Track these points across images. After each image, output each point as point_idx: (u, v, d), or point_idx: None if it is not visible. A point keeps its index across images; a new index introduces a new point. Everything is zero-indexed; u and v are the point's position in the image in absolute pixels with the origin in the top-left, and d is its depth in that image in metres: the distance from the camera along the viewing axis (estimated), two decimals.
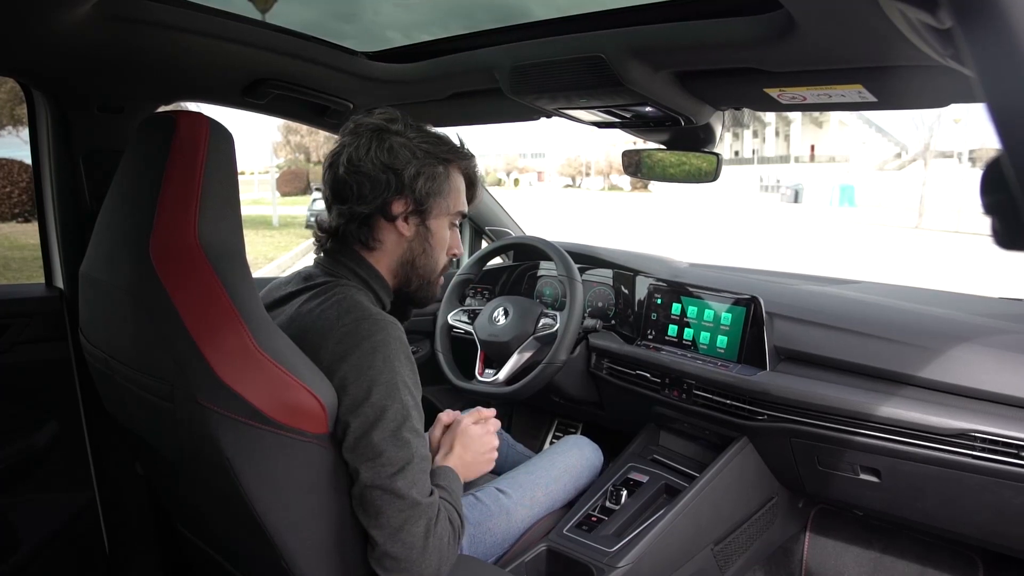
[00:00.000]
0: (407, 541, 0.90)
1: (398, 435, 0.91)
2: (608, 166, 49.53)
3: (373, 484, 0.89)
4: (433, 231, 1.11)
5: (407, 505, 0.90)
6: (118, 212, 0.91)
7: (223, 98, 1.58)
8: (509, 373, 1.71)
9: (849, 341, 1.39)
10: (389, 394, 0.91)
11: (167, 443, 0.97)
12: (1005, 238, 0.41)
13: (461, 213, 1.16)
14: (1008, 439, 1.16)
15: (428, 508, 0.92)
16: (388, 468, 0.90)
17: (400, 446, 0.90)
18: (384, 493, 0.89)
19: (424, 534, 0.91)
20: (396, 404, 0.91)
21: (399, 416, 0.91)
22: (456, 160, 1.13)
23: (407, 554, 0.90)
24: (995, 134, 0.37)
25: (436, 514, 0.93)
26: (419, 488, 0.92)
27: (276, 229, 14.18)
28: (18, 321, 1.47)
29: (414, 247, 1.11)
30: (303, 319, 0.99)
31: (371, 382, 0.91)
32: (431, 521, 0.92)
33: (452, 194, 1.12)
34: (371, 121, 1.09)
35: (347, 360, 0.92)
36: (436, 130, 1.13)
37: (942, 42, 0.65)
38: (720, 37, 1.07)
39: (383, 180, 1.05)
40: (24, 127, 9.26)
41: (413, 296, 1.15)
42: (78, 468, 1.55)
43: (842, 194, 29.75)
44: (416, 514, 0.91)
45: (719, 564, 1.46)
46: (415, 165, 1.06)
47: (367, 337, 0.93)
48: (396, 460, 0.90)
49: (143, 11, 1.19)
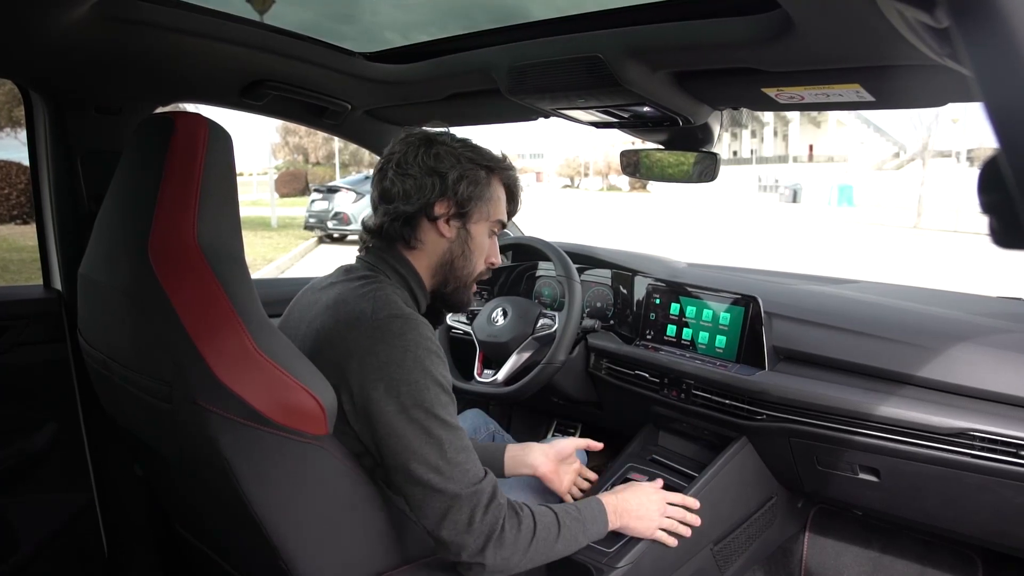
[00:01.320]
0: (451, 529, 0.95)
1: (431, 431, 0.94)
2: (606, 166, 49.53)
3: (414, 479, 0.94)
4: (473, 235, 1.16)
5: (446, 498, 0.94)
6: (117, 213, 0.91)
7: (221, 99, 1.58)
8: (508, 373, 1.71)
9: (848, 341, 1.39)
10: (421, 392, 0.94)
11: (166, 444, 0.97)
12: (1003, 237, 0.41)
13: (500, 222, 1.20)
14: (1007, 438, 1.16)
15: (470, 497, 0.95)
16: (424, 464, 0.93)
17: (434, 442, 0.94)
18: (422, 488, 0.94)
19: (467, 522, 0.95)
20: (428, 401, 0.94)
21: (431, 412, 0.95)
22: (498, 170, 1.18)
23: (454, 539, 0.95)
24: (993, 133, 0.37)
25: (483, 502, 0.96)
26: (456, 481, 0.95)
27: (275, 230, 14.16)
28: (16, 323, 1.47)
29: (454, 249, 1.15)
30: (338, 308, 1.02)
31: (404, 380, 0.94)
32: (475, 508, 0.95)
33: (493, 201, 1.17)
34: (420, 132, 1.15)
35: (378, 356, 0.94)
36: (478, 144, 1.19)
37: (939, 41, 0.65)
38: (718, 37, 1.07)
39: (428, 182, 1.10)
40: (22, 129, 9.25)
41: (448, 298, 1.19)
42: (77, 469, 1.55)
43: (840, 194, 29.75)
44: (456, 504, 0.94)
45: (718, 564, 1.46)
46: (458, 169, 1.11)
47: (399, 335, 0.96)
48: (431, 456, 0.94)
49: (141, 12, 1.19)
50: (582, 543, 1.13)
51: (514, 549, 1.00)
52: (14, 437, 1.46)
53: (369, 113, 1.80)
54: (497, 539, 0.97)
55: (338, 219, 12.24)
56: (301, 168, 32.25)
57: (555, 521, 1.08)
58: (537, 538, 1.03)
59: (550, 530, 1.06)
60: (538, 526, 1.04)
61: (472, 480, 0.97)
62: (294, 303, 1.19)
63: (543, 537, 1.04)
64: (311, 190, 16.31)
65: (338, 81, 1.57)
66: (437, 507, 0.94)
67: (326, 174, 28.88)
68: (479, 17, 1.42)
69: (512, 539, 0.99)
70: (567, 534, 1.09)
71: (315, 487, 0.92)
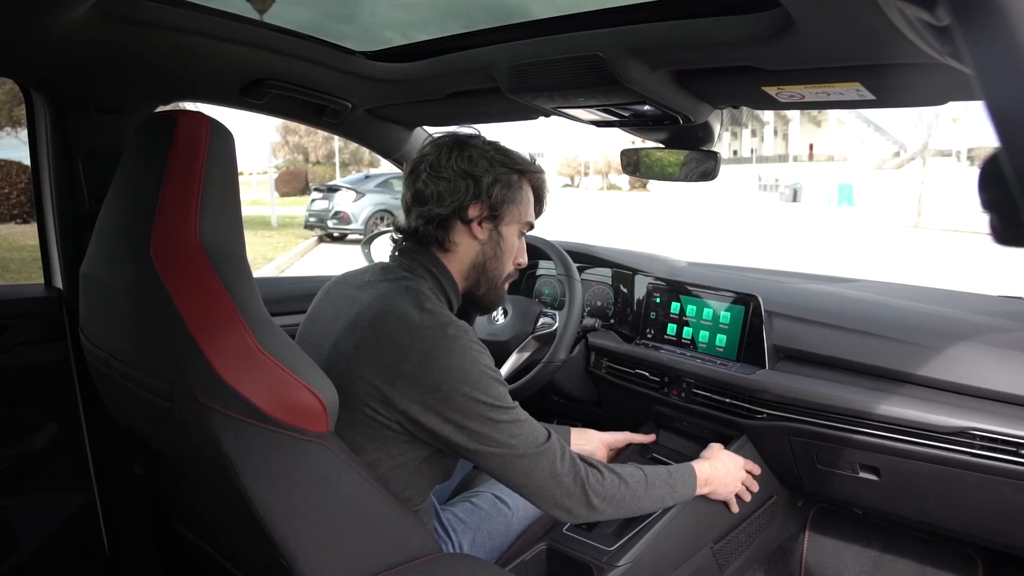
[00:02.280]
0: (538, 483, 1.06)
1: (496, 418, 1.02)
2: (607, 165, 49.51)
3: (488, 459, 1.03)
4: (504, 237, 1.18)
5: (524, 460, 1.04)
6: (118, 212, 0.91)
7: (221, 98, 1.58)
8: (508, 372, 1.70)
9: (848, 339, 1.39)
10: (483, 388, 1.01)
11: (167, 442, 0.97)
12: (1003, 234, 0.41)
13: (530, 224, 1.23)
14: (1007, 437, 1.16)
15: (545, 453, 1.05)
16: (496, 444, 1.02)
17: (501, 425, 1.02)
18: (500, 459, 1.03)
19: (550, 473, 1.05)
20: (488, 395, 1.01)
21: (492, 404, 1.02)
22: (528, 173, 1.20)
23: (544, 491, 1.06)
24: (993, 131, 0.37)
25: (557, 454, 1.06)
26: (527, 445, 1.04)
27: (275, 229, 14.16)
28: (17, 322, 1.47)
29: (486, 251, 1.17)
30: (385, 311, 1.05)
31: (464, 381, 1.00)
32: (553, 461, 1.06)
33: (524, 204, 1.20)
34: (451, 135, 1.19)
35: (437, 360, 0.99)
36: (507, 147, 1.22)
37: (940, 40, 0.65)
38: (718, 35, 1.07)
39: (462, 185, 1.12)
40: (23, 128, 9.25)
41: (480, 300, 1.22)
42: (77, 468, 1.55)
43: (840, 193, 29.74)
44: (535, 463, 1.04)
45: (719, 563, 1.46)
46: (492, 173, 1.14)
47: (455, 339, 1.01)
48: (500, 436, 1.02)
49: (141, 11, 1.19)
50: (669, 503, 1.25)
51: (602, 495, 1.10)
52: (14, 436, 1.46)
53: (369, 112, 1.80)
54: (584, 480, 1.08)
55: (338, 218, 12.25)
56: (301, 167, 32.27)
57: (643, 478, 1.18)
58: (623, 487, 1.13)
59: (638, 484, 1.16)
60: (624, 478, 1.15)
61: (539, 440, 1.05)
62: (324, 296, 1.20)
63: (630, 489, 1.14)
64: (311, 189, 16.31)
65: (338, 80, 1.57)
66: (520, 471, 1.04)
67: (326, 173, 28.90)
68: (479, 16, 1.42)
69: (597, 481, 1.10)
70: (653, 492, 1.19)
71: (316, 485, 0.92)
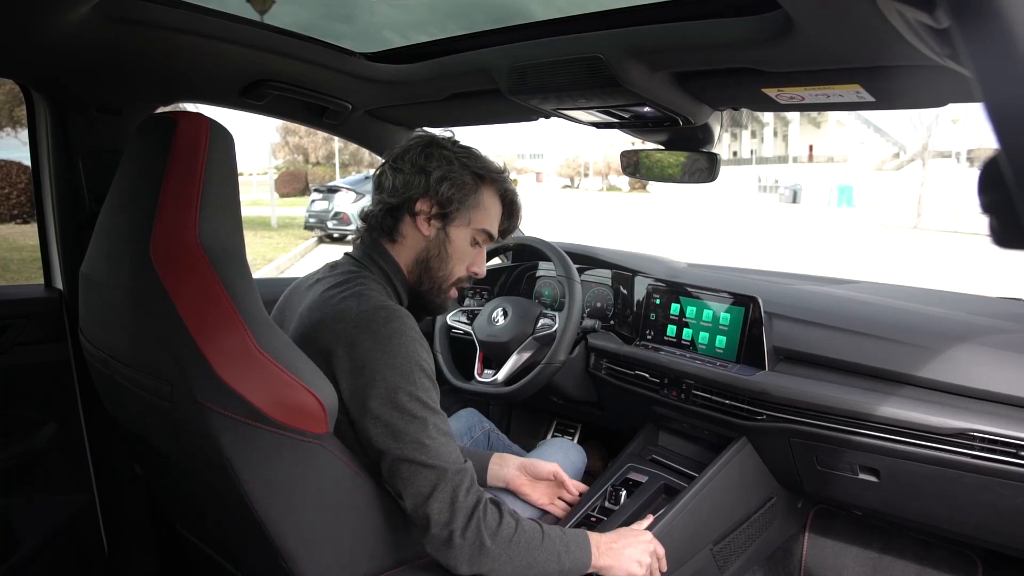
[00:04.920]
0: (438, 503, 0.96)
1: (416, 413, 0.97)
2: (606, 167, 49.53)
3: (401, 458, 0.96)
4: (452, 239, 1.18)
5: (434, 472, 0.97)
6: (118, 213, 0.91)
7: (222, 99, 1.58)
8: (508, 373, 1.71)
9: (848, 341, 1.40)
10: (407, 375, 0.97)
11: (167, 443, 0.97)
12: (1003, 236, 0.41)
13: (487, 233, 1.21)
14: (1007, 438, 1.16)
15: (455, 476, 0.98)
16: (412, 443, 0.96)
17: (419, 422, 0.97)
18: (411, 464, 0.96)
19: (451, 499, 0.97)
20: (413, 384, 0.98)
21: (415, 396, 0.98)
22: (490, 179, 1.20)
23: (441, 515, 0.96)
24: (993, 133, 0.37)
25: (465, 483, 0.99)
26: (442, 458, 0.98)
27: (275, 230, 14.15)
28: (17, 322, 1.47)
29: (431, 247, 1.18)
30: (324, 303, 1.06)
31: (389, 365, 0.97)
32: (458, 489, 0.98)
33: (478, 209, 1.19)
34: (426, 135, 1.21)
35: (363, 344, 0.97)
36: (484, 154, 1.22)
37: (940, 42, 0.65)
38: (718, 37, 1.07)
39: (414, 179, 1.15)
40: (23, 128, 9.25)
41: (423, 298, 1.21)
42: (77, 469, 1.55)
43: (840, 194, 29.74)
44: (443, 480, 0.97)
45: (718, 564, 1.46)
46: (444, 170, 1.15)
47: (384, 323, 0.99)
48: (417, 434, 0.97)
49: (142, 12, 1.19)
50: (565, 565, 1.09)
51: (497, 537, 1.00)
52: (14, 437, 1.46)
53: (369, 113, 1.80)
54: (482, 521, 0.99)
55: (338, 219, 12.23)
56: (301, 168, 32.24)
57: (538, 528, 1.07)
58: (519, 533, 1.03)
59: (533, 534, 1.05)
60: (520, 524, 1.05)
61: (456, 460, 1.00)
62: (283, 301, 1.23)
63: (526, 536, 1.04)
64: (311, 190, 16.31)
65: (338, 81, 1.57)
66: (424, 483, 0.96)
67: (326, 174, 28.86)
68: (479, 17, 1.42)
69: (495, 525, 1.01)
70: (549, 545, 1.07)
71: (315, 486, 0.92)
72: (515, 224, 1.28)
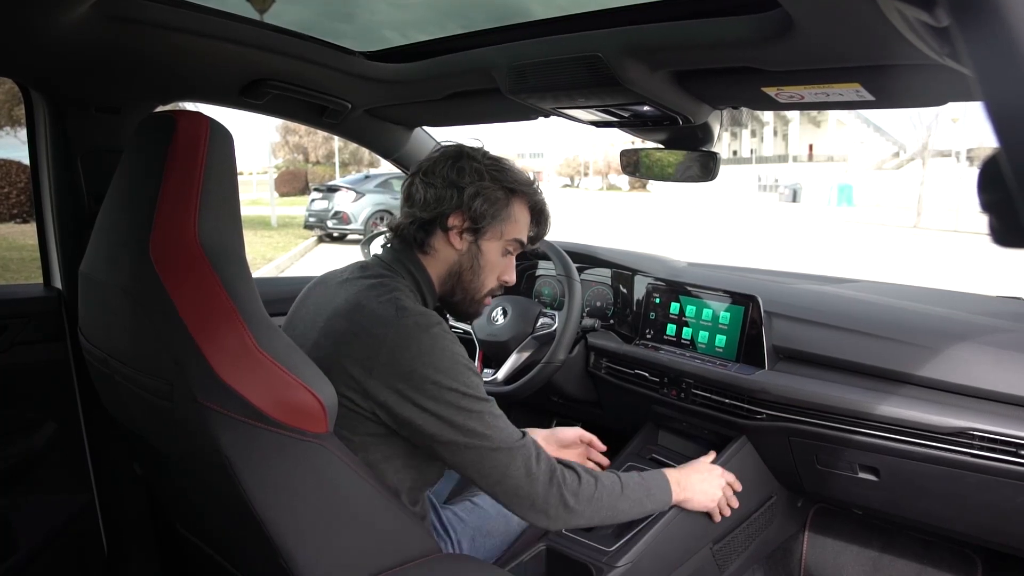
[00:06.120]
0: (514, 481, 1.03)
1: (470, 408, 1.02)
2: (606, 166, 49.55)
3: (468, 447, 1.01)
4: (484, 252, 1.19)
5: (500, 454, 1.03)
6: (117, 212, 0.91)
7: (221, 98, 1.58)
8: (508, 373, 1.71)
9: (848, 340, 1.39)
10: (456, 376, 1.01)
11: (166, 442, 0.97)
12: (1002, 235, 0.41)
13: (518, 242, 1.23)
14: (1007, 438, 1.16)
15: (520, 449, 1.04)
16: (474, 435, 1.01)
17: (475, 415, 1.02)
18: (475, 452, 1.02)
19: (526, 472, 1.03)
20: (463, 384, 1.01)
21: (466, 393, 1.01)
22: (520, 191, 1.20)
23: (520, 490, 1.04)
24: (992, 132, 0.37)
25: (532, 452, 1.05)
26: (503, 439, 1.03)
27: (275, 230, 14.16)
28: (16, 321, 1.47)
29: (463, 261, 1.19)
30: (359, 307, 1.07)
31: (438, 369, 1.00)
32: (528, 460, 1.04)
33: (509, 221, 1.20)
34: (455, 146, 1.21)
35: (408, 349, 1.00)
36: (515, 165, 1.23)
37: (940, 40, 0.65)
38: (717, 36, 1.07)
39: (447, 194, 1.15)
40: (22, 127, 9.26)
41: (456, 307, 1.23)
42: (76, 469, 1.55)
43: (840, 193, 29.76)
44: (511, 458, 1.03)
45: (718, 563, 1.46)
46: (477, 186, 1.15)
47: (426, 330, 1.02)
48: (476, 426, 1.01)
49: (141, 11, 1.19)
50: (647, 508, 1.22)
51: (579, 496, 1.08)
52: (14, 437, 1.46)
53: (369, 112, 1.80)
54: (562, 484, 1.06)
55: (338, 218, 12.24)
56: (301, 167, 32.26)
57: (617, 480, 1.16)
58: (600, 489, 1.11)
59: (613, 485, 1.15)
60: (599, 479, 1.13)
61: (515, 437, 1.05)
62: (307, 295, 1.21)
63: (607, 491, 1.13)
64: (311, 189, 16.31)
65: (338, 80, 1.57)
66: (495, 466, 1.02)
67: (326, 173, 28.89)
68: (478, 16, 1.42)
69: (575, 485, 1.08)
70: (630, 494, 1.17)
71: (315, 485, 0.92)
72: (544, 231, 1.29)
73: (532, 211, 1.24)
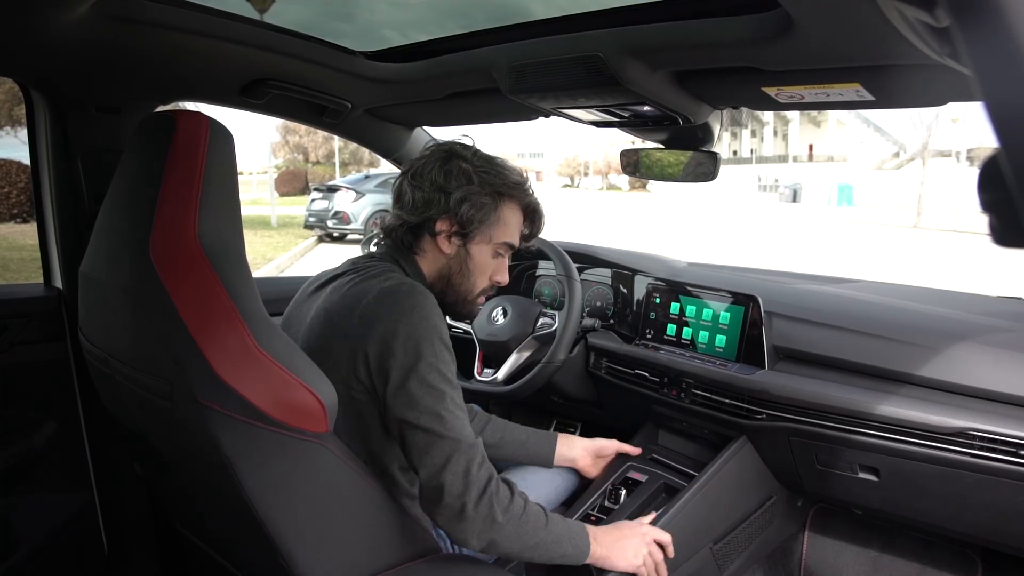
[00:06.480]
0: (452, 474, 0.98)
1: (436, 385, 0.99)
2: (606, 166, 49.55)
3: (417, 426, 0.98)
4: (473, 255, 1.18)
5: (448, 443, 0.98)
6: (118, 212, 0.91)
7: (221, 98, 1.58)
8: (508, 372, 1.71)
9: (848, 340, 1.39)
10: (429, 346, 0.99)
11: (166, 442, 0.97)
12: (1003, 235, 0.41)
13: (508, 245, 1.21)
14: (1007, 438, 1.16)
15: (468, 449, 1.00)
16: (428, 413, 0.98)
17: (437, 394, 0.99)
18: (427, 434, 0.98)
19: (465, 471, 0.98)
20: (434, 356, 0.99)
21: (436, 368, 0.99)
22: (511, 195, 1.19)
23: (455, 485, 0.98)
24: (993, 132, 0.37)
25: (478, 457, 1.01)
26: (457, 431, 1.00)
27: (275, 229, 14.16)
28: (16, 321, 1.47)
29: (452, 265, 1.18)
30: (351, 288, 1.07)
31: (410, 336, 0.98)
32: (471, 462, 0.99)
33: (499, 225, 1.18)
34: (446, 145, 1.19)
35: (386, 317, 0.99)
36: (507, 164, 1.21)
37: (940, 40, 0.65)
38: (718, 36, 1.07)
39: (434, 198, 1.13)
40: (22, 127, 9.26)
41: (449, 308, 1.22)
42: (77, 468, 1.55)
43: (840, 193, 29.75)
44: (457, 452, 0.99)
45: (718, 563, 1.46)
46: (464, 191, 1.13)
47: (406, 296, 1.01)
48: (435, 405, 0.98)
49: (141, 11, 1.19)
50: (567, 550, 1.11)
51: (508, 512, 1.02)
52: (14, 436, 1.46)
53: (369, 112, 1.80)
54: (494, 495, 1.01)
55: (338, 218, 12.24)
56: (301, 167, 32.26)
57: (542, 512, 1.09)
58: (528, 512, 1.05)
59: (539, 515, 1.07)
60: (528, 505, 1.06)
61: (469, 435, 1.01)
62: (302, 293, 1.22)
63: (533, 516, 1.06)
64: (311, 189, 16.31)
65: (338, 80, 1.57)
66: (439, 453, 0.98)
67: (326, 173, 28.89)
68: (478, 16, 1.42)
69: (506, 500, 1.02)
70: (553, 528, 1.09)
71: (315, 485, 0.92)
72: (538, 230, 1.28)
73: (524, 211, 1.23)
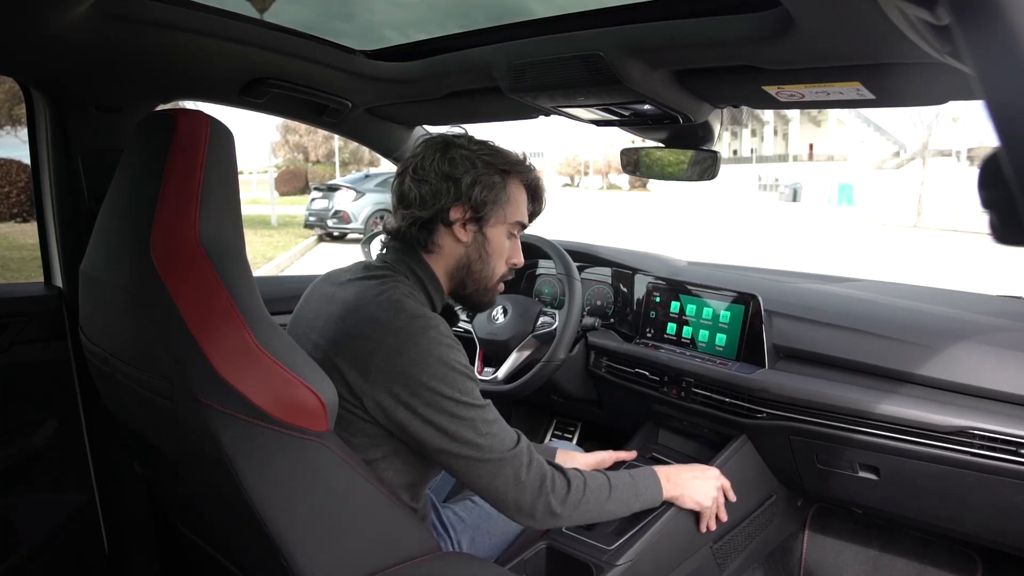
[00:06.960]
0: (502, 489, 1.04)
1: (462, 415, 1.01)
2: (607, 165, 49.52)
3: (458, 455, 1.01)
4: (490, 239, 1.17)
5: (490, 465, 1.02)
6: (118, 211, 0.91)
7: (221, 97, 1.58)
8: (508, 371, 1.71)
9: (848, 339, 1.40)
10: (450, 382, 1.00)
11: (167, 441, 0.97)
12: (1003, 233, 0.41)
13: (520, 224, 1.21)
14: (1007, 437, 1.16)
15: (511, 460, 1.03)
16: (465, 443, 1.01)
17: (467, 423, 1.01)
18: (465, 461, 1.02)
19: (514, 480, 1.03)
20: (457, 389, 1.00)
21: (459, 400, 1.00)
22: (515, 172, 1.19)
23: (507, 497, 1.04)
24: (993, 131, 0.37)
25: (523, 461, 1.05)
26: (494, 450, 1.02)
27: (275, 229, 14.16)
28: (17, 320, 1.47)
29: (471, 253, 1.17)
30: (360, 308, 1.06)
31: (432, 375, 0.99)
32: (519, 470, 1.04)
33: (510, 204, 1.18)
34: (439, 136, 1.18)
35: (403, 355, 0.99)
36: (499, 145, 1.20)
37: (940, 39, 0.65)
38: (718, 35, 1.07)
39: (443, 188, 1.12)
40: (23, 127, 9.26)
41: (469, 300, 1.22)
42: (77, 468, 1.55)
43: (840, 193, 29.73)
44: (500, 469, 1.03)
45: (718, 562, 1.46)
46: (472, 174, 1.13)
47: (422, 333, 1.01)
48: (467, 435, 1.01)
49: (141, 10, 1.19)
50: (636, 508, 1.22)
51: (566, 503, 1.08)
52: (14, 436, 1.46)
53: (369, 111, 1.80)
54: (550, 490, 1.06)
55: (338, 217, 12.25)
56: (301, 166, 32.27)
57: (606, 483, 1.16)
58: (587, 494, 1.11)
59: (601, 488, 1.15)
60: (588, 484, 1.12)
61: (508, 446, 1.04)
62: (311, 292, 1.20)
63: (594, 495, 1.13)
64: (311, 188, 16.31)
65: (338, 79, 1.57)
66: (483, 474, 1.03)
67: (326, 172, 28.90)
68: (479, 15, 1.42)
69: (563, 493, 1.08)
70: (618, 495, 1.17)
71: (315, 484, 0.92)
72: (540, 208, 1.27)
73: (528, 189, 1.23)
